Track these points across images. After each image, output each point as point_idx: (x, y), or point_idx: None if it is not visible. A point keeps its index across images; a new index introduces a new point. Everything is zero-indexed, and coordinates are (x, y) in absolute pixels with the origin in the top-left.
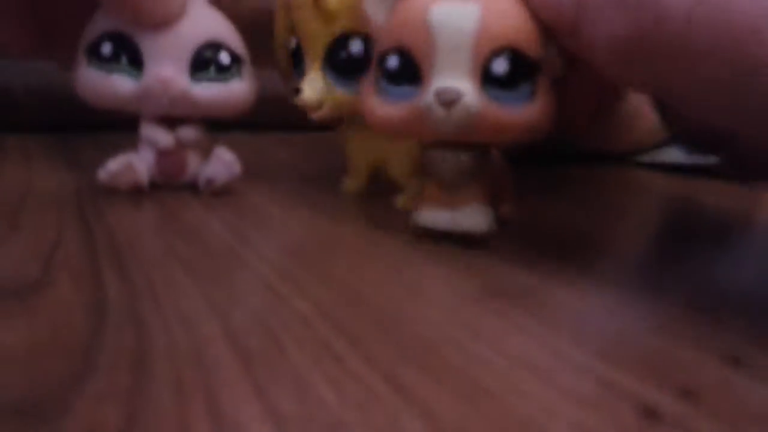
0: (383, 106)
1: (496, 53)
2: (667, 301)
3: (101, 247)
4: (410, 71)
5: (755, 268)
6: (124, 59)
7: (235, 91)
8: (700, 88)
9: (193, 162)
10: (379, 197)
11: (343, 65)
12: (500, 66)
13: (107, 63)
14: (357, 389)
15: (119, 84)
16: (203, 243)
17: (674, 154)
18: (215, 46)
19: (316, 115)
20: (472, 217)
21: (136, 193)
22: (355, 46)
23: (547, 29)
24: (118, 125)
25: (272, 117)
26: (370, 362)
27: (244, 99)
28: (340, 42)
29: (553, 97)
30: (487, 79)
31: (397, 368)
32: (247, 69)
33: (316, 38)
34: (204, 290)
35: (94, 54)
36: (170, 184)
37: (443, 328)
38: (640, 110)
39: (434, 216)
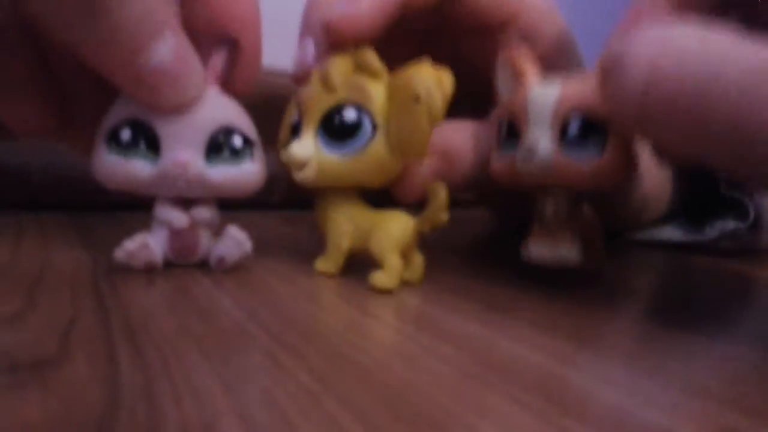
0: (499, 159)
1: (570, 117)
2: (666, 375)
3: (115, 324)
4: (515, 134)
5: (749, 341)
6: (142, 144)
7: (247, 172)
8: (680, 146)
9: (204, 240)
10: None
11: (335, 130)
12: (573, 128)
13: (126, 148)
14: None
15: (138, 168)
16: (214, 320)
17: (668, 232)
18: (228, 131)
19: (301, 176)
20: (568, 250)
21: (150, 270)
22: (349, 114)
23: None
24: (131, 205)
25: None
26: None
27: (255, 180)
28: (337, 109)
29: (626, 153)
30: (564, 138)
31: None
32: (258, 151)
33: (316, 107)
34: (215, 366)
35: (113, 139)
36: (183, 262)
37: (448, 405)
38: (634, 190)
39: (540, 249)
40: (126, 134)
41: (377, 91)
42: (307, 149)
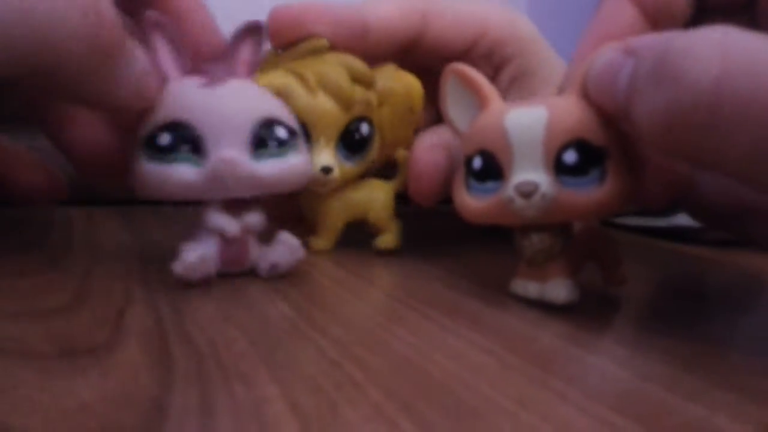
0: (473, 200)
1: (564, 146)
2: (703, 369)
3: (165, 312)
4: (493, 169)
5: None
6: (184, 147)
7: (294, 164)
8: (738, 157)
9: (253, 247)
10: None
11: (355, 144)
12: (570, 156)
13: (167, 154)
14: None
15: (183, 173)
16: (257, 308)
17: (682, 218)
18: (270, 122)
19: (325, 189)
20: (556, 290)
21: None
22: (365, 128)
23: (608, 116)
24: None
25: None
26: (422, 427)
27: (302, 171)
28: (354, 125)
29: (626, 177)
30: (560, 169)
31: None
32: (302, 142)
33: (332, 123)
34: (262, 353)
35: (150, 146)
36: (233, 271)
37: (490, 395)
38: None
39: (525, 287)
40: (165, 138)
41: (373, 100)
42: (337, 168)
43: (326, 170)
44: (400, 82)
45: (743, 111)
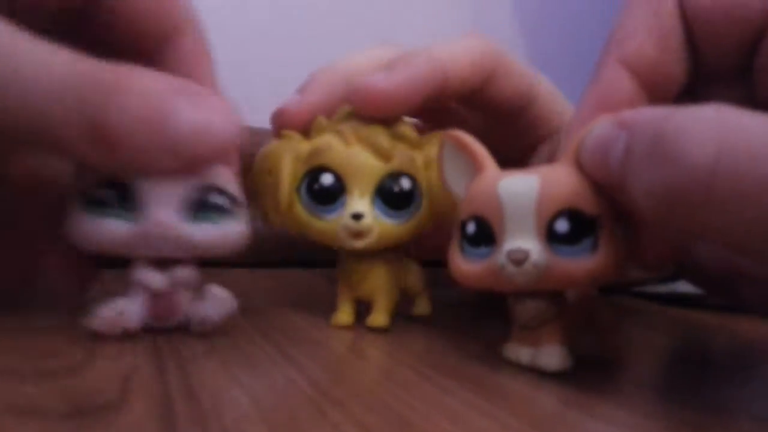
0: (466, 263)
1: (557, 215)
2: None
3: (172, 372)
4: (486, 235)
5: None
6: (117, 203)
7: (230, 232)
8: (737, 232)
9: (185, 302)
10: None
11: (395, 198)
12: (562, 225)
13: (100, 207)
14: None
15: (113, 228)
16: (262, 371)
17: (684, 285)
18: (211, 189)
19: (360, 244)
20: (548, 356)
21: (128, 336)
22: (406, 183)
23: (601, 186)
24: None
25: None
26: None
27: (239, 240)
28: (393, 178)
29: (619, 246)
30: (552, 237)
31: None
32: (243, 210)
33: (369, 174)
34: (264, 414)
35: (88, 201)
36: (163, 325)
37: None
38: None
39: (517, 352)
40: (100, 193)
41: (418, 160)
42: (372, 218)
43: (356, 216)
44: None
45: (741, 189)
